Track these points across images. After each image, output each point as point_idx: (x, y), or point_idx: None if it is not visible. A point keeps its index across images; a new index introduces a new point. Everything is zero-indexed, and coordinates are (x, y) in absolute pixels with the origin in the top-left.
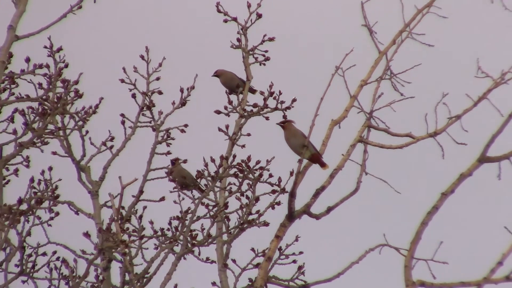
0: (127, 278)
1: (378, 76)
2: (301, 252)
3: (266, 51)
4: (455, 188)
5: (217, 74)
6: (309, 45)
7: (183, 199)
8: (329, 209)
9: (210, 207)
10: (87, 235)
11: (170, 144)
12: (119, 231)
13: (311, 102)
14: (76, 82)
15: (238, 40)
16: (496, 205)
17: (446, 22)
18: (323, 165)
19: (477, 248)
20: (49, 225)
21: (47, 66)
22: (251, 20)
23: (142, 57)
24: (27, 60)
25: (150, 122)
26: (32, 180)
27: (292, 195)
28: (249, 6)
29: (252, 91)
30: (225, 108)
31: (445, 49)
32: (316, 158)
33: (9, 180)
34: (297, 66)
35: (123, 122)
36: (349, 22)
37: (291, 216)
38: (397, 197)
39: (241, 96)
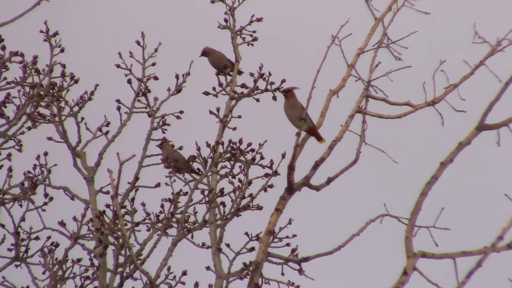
0: (121, 260)
1: (375, 44)
2: (294, 235)
3: (254, 32)
4: (454, 157)
5: (205, 51)
6: (303, 17)
7: (174, 181)
8: (329, 180)
9: (206, 193)
10: (62, 224)
11: (166, 130)
12: (118, 207)
13: (308, 75)
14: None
15: (225, 20)
16: (495, 173)
17: None
18: (319, 139)
19: (478, 217)
20: (43, 210)
21: (22, 55)
22: (238, 1)
23: (138, 42)
24: (3, 48)
25: (145, 108)
26: (10, 169)
27: (291, 168)
28: None
29: (239, 72)
30: (213, 89)
31: (441, 15)
32: (312, 131)
33: (1, 165)
34: (290, 40)
35: (118, 108)
36: None
37: (291, 188)
38: (397, 167)
39: (229, 77)
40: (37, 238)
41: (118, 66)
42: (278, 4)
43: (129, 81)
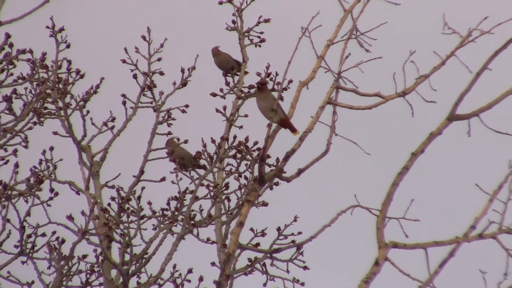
0: (126, 258)
1: (345, 36)
2: (299, 232)
3: (261, 33)
4: (425, 147)
5: (213, 52)
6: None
7: (181, 179)
8: (300, 171)
9: (211, 188)
10: (70, 218)
11: (171, 124)
12: (91, 202)
13: (278, 65)
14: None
15: (233, 22)
16: (466, 163)
17: None
18: (293, 130)
19: (450, 207)
20: (49, 205)
21: (30, 52)
22: (246, 2)
23: (143, 37)
24: (10, 45)
25: (151, 102)
26: (16, 165)
27: (262, 159)
28: None
29: (245, 72)
30: (221, 90)
31: (411, 6)
32: (285, 122)
33: (8, 160)
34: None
35: (124, 103)
36: None
37: (262, 180)
38: (368, 158)
39: (236, 78)
40: (43, 234)
41: (124, 61)
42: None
43: (135, 76)
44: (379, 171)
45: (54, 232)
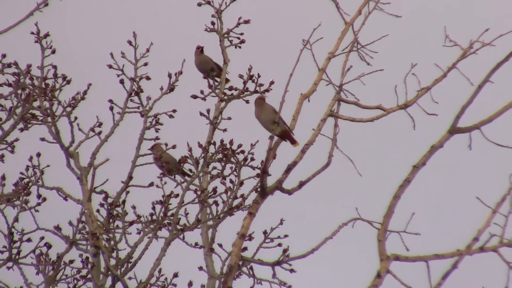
0: (112, 263)
1: (346, 48)
2: (286, 235)
3: (241, 34)
4: (427, 160)
5: (196, 52)
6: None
7: (165, 183)
8: (301, 184)
9: (199, 192)
10: (57, 228)
11: (159, 129)
12: (92, 212)
13: (283, 79)
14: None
15: (212, 23)
16: (468, 176)
17: None
18: (293, 142)
19: (451, 220)
20: (37, 210)
21: (16, 64)
22: (225, 3)
23: (129, 42)
24: None
25: (138, 107)
26: (3, 178)
27: (264, 171)
28: None
29: (227, 81)
30: (202, 92)
31: (412, 18)
32: (286, 134)
33: None
34: (275, 46)
35: (111, 108)
36: None
37: (264, 192)
38: (370, 170)
39: (217, 79)
40: (29, 240)
41: (110, 66)
42: (265, 6)
43: (122, 81)
44: (381, 183)
45: (42, 238)
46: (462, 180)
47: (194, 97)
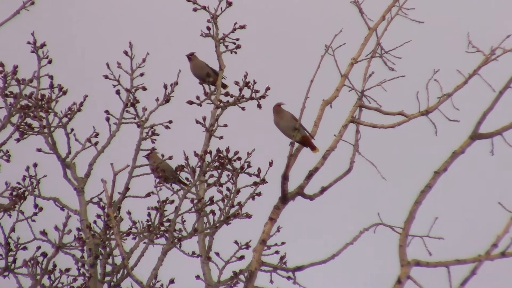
0: (108, 269)
1: (368, 54)
2: (283, 243)
3: (237, 39)
4: (448, 166)
5: (190, 56)
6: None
7: (160, 189)
8: (323, 189)
9: (195, 201)
10: (43, 233)
11: (155, 140)
12: (112, 217)
13: (301, 83)
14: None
15: (208, 28)
16: (489, 182)
17: None
18: (313, 148)
19: (472, 226)
20: (33, 220)
21: (2, 65)
22: (221, 8)
23: (125, 52)
24: None
25: (134, 118)
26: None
27: (285, 177)
28: None
29: (224, 86)
30: (197, 98)
31: (435, 24)
32: (307, 141)
33: None
34: (276, 50)
35: (107, 119)
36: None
37: (285, 198)
38: (391, 176)
39: (213, 86)
40: (24, 248)
41: (106, 77)
42: (261, 11)
43: (118, 92)
44: (402, 189)
45: (38, 247)
46: (484, 185)
47: (190, 102)
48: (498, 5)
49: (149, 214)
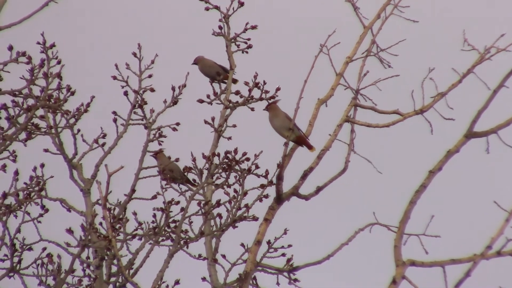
0: (113, 270)
1: (363, 52)
2: (290, 245)
3: (248, 39)
4: (443, 165)
5: (196, 61)
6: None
7: (165, 190)
8: (318, 189)
9: (202, 204)
10: (69, 231)
11: (162, 142)
12: (107, 217)
13: (297, 84)
14: (59, 75)
15: (220, 27)
16: (484, 180)
17: None
18: (310, 147)
19: (467, 225)
20: (39, 221)
21: (29, 58)
22: (233, 8)
23: (134, 54)
24: (10, 48)
25: (142, 120)
26: (16, 173)
27: (280, 178)
28: None
29: (234, 81)
30: (208, 96)
31: (430, 22)
32: (302, 140)
33: None
34: (283, 52)
35: (115, 120)
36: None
37: (279, 198)
38: (386, 176)
39: (224, 84)
40: (30, 248)
41: (114, 78)
42: (272, 12)
43: (126, 93)
44: (397, 188)
45: (44, 249)
46: (479, 184)
47: (201, 101)
48: (492, 3)
49: (154, 215)
